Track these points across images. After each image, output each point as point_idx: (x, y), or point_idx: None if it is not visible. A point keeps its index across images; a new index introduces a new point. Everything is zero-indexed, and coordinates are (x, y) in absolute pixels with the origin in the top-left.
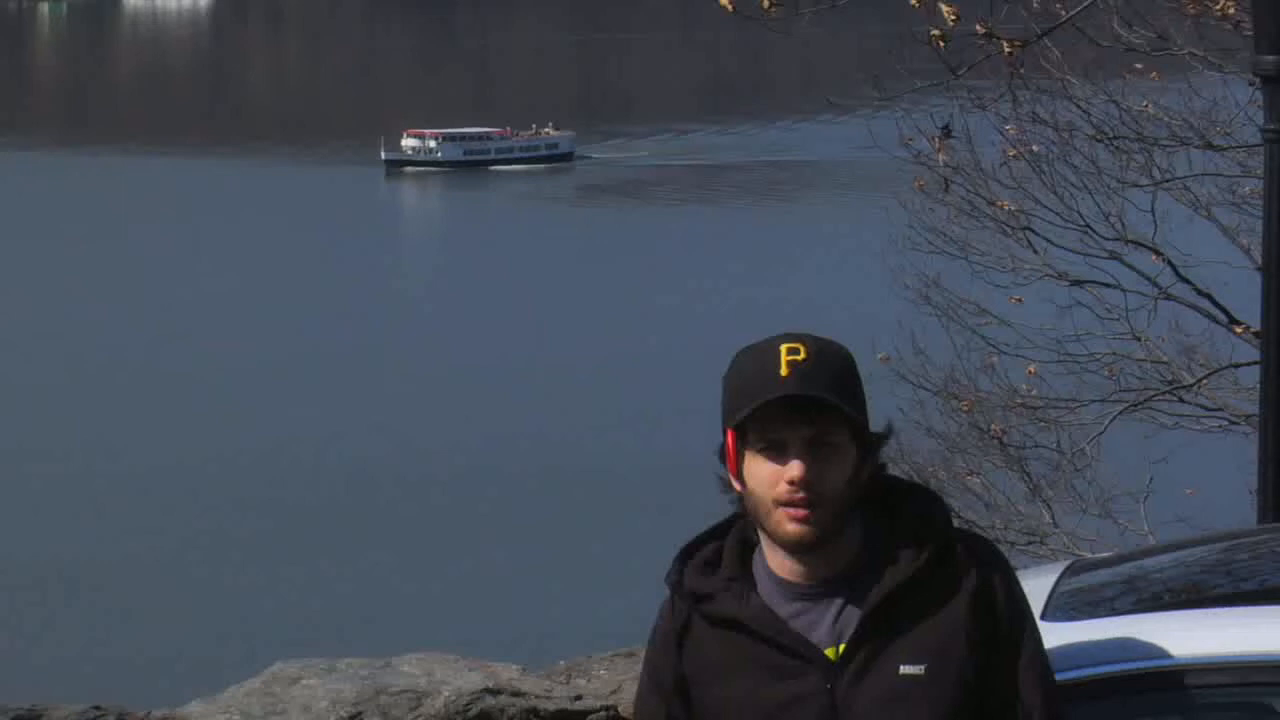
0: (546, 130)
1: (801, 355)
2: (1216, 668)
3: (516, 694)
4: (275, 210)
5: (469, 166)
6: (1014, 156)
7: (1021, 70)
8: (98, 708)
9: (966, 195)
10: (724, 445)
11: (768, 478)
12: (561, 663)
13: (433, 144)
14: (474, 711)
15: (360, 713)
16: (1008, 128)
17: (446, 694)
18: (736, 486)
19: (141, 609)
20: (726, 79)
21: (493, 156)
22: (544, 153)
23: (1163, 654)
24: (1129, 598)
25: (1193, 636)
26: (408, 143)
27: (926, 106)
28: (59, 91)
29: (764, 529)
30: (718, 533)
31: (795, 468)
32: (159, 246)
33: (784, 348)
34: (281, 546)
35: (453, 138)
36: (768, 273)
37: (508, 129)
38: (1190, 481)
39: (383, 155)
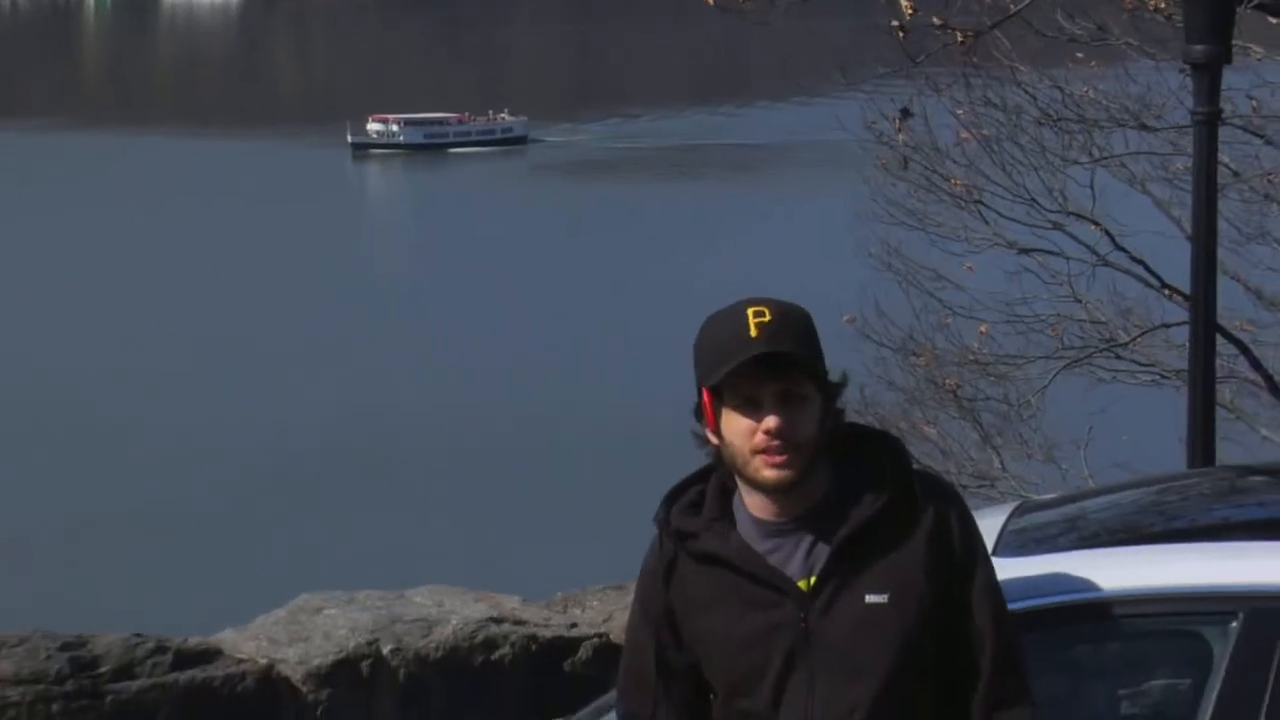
0: (502, 116)
1: (767, 317)
2: (1150, 599)
3: (518, 623)
4: (252, 187)
5: (429, 149)
6: (966, 139)
7: (974, 59)
8: (138, 635)
9: (924, 172)
10: (700, 404)
11: (745, 430)
12: (558, 595)
13: (395, 128)
14: (479, 638)
15: (377, 639)
16: (961, 111)
17: (455, 623)
18: (713, 440)
19: (177, 549)
20: (702, 69)
21: (451, 140)
22: (499, 136)
23: (1102, 587)
24: (1071, 536)
25: (1128, 571)
26: (372, 127)
27: (888, 92)
28: (100, 79)
29: (743, 476)
30: (700, 477)
31: (771, 420)
32: (158, 219)
33: (750, 311)
34: (303, 495)
35: (413, 123)
36: (738, 244)
37: (465, 114)
38: (1126, 431)
39: (349, 139)
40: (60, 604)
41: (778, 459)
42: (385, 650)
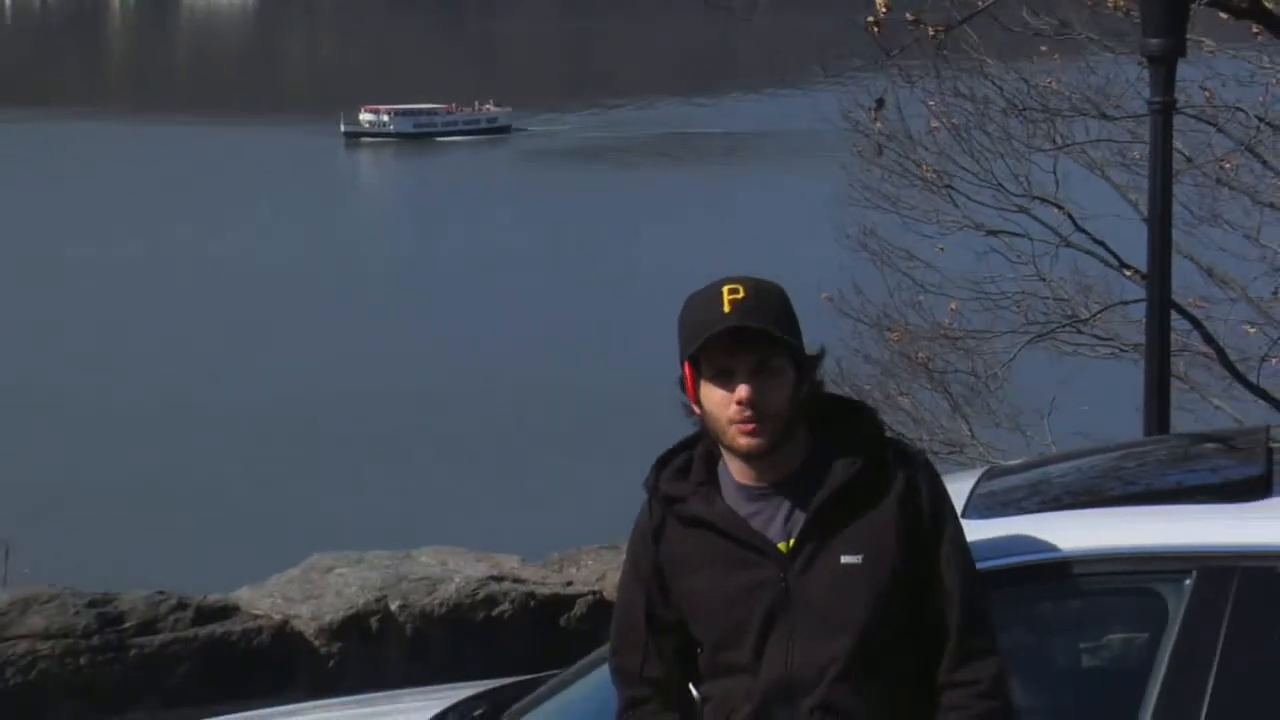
0: (487, 106)
1: (741, 294)
2: (1109, 558)
3: (517, 580)
4: (251, 171)
5: (417, 138)
6: (936, 128)
7: (944, 52)
8: (161, 593)
9: (898, 159)
10: (683, 376)
11: (720, 401)
12: (555, 555)
13: (385, 118)
14: (481, 595)
15: (384, 596)
16: (932, 101)
17: (458, 581)
18: (696, 410)
19: (197, 513)
20: (684, 63)
21: (439, 129)
22: (484, 125)
23: (1064, 547)
24: (1035, 499)
25: (1089, 532)
26: (364, 117)
27: (864, 83)
28: (120, 71)
29: (722, 444)
30: (688, 445)
31: (742, 390)
32: (166, 200)
33: (725, 289)
34: (314, 462)
35: (403, 113)
36: (721, 226)
37: (452, 105)
38: (1086, 400)
39: (341, 128)
40: (88, 564)
41: (750, 428)
42: (393, 607)
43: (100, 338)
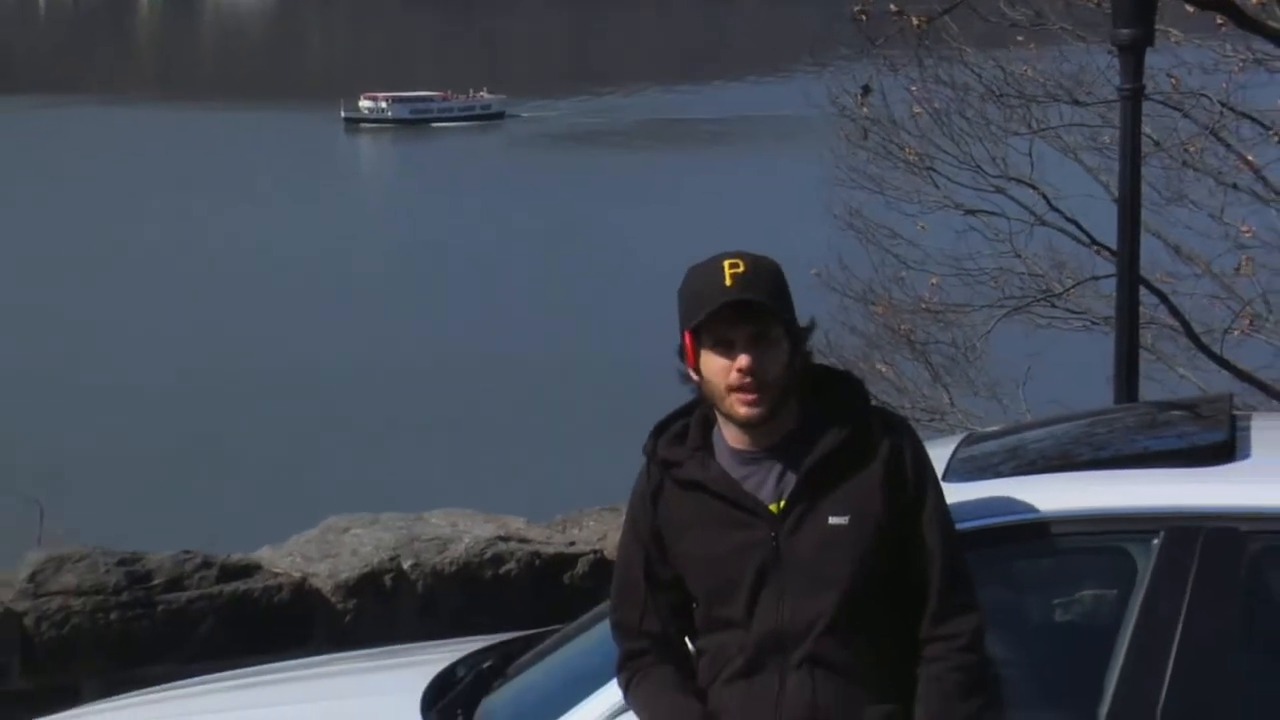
0: (481, 94)
1: (741, 268)
2: (1081, 519)
3: (523, 540)
4: (260, 155)
5: (414, 124)
6: (919, 113)
7: (926, 41)
8: (187, 552)
9: (882, 142)
10: (682, 345)
11: (720, 369)
12: (558, 516)
13: (384, 105)
14: (489, 555)
15: (398, 556)
16: (915, 88)
17: (467, 541)
18: (694, 377)
19: (221, 478)
20: (677, 51)
21: (434, 115)
22: (478, 112)
23: (1038, 508)
24: (1012, 463)
25: (1063, 494)
26: (363, 104)
27: (850, 71)
28: (145, 63)
29: (720, 410)
30: (684, 411)
31: (743, 360)
32: (181, 181)
33: (726, 263)
34: (331, 430)
35: (401, 100)
36: (714, 206)
37: (448, 92)
38: (1059, 370)
39: (342, 114)
40: (118, 525)
41: (749, 396)
42: (405, 565)
43: (127, 314)
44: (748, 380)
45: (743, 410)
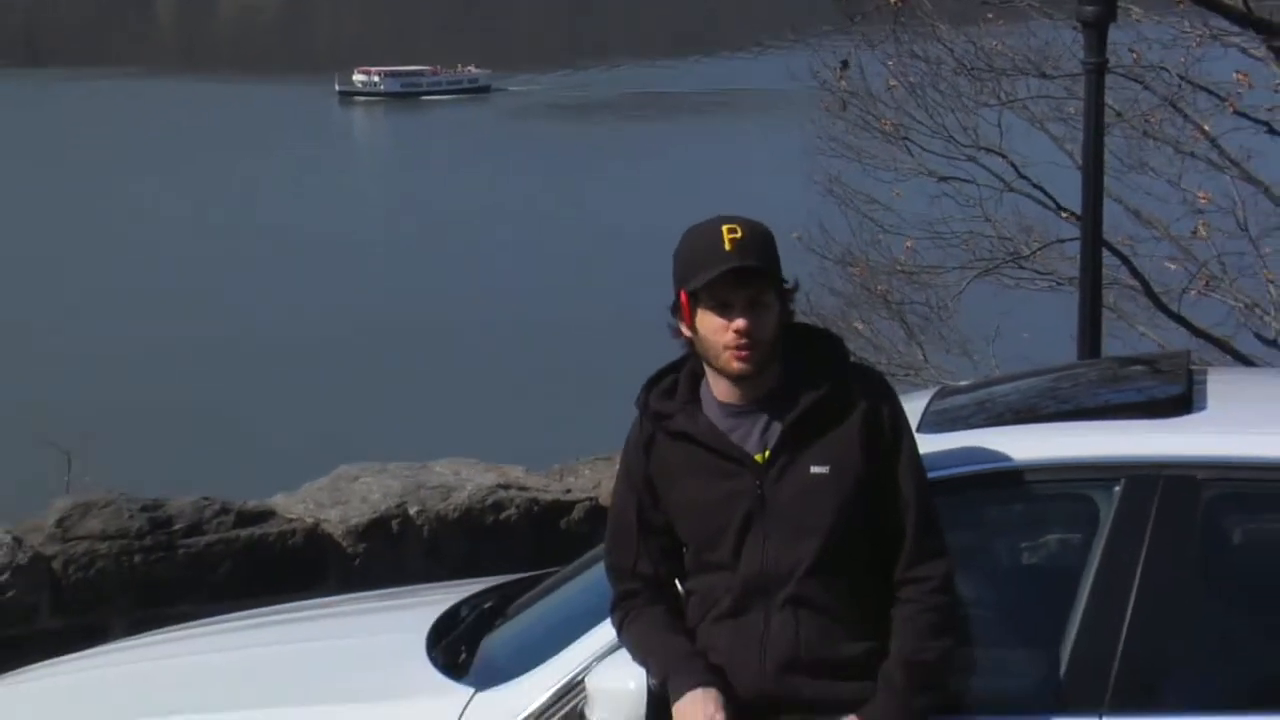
0: (469, 68)
1: (739, 234)
2: (1047, 468)
3: (522, 488)
4: (259, 125)
5: (404, 97)
6: (894, 86)
7: (902, 18)
8: (206, 499)
9: (860, 114)
10: (678, 302)
11: (718, 328)
12: (556, 465)
13: (376, 79)
14: (490, 501)
15: (404, 502)
16: (891, 62)
17: (470, 488)
18: (687, 334)
19: (238, 429)
20: (659, 28)
21: (424, 89)
22: (465, 86)
23: (1007, 457)
24: (982, 415)
25: (1030, 444)
26: (356, 78)
27: (830, 46)
28: (161, 36)
29: (713, 365)
30: (674, 367)
31: (740, 322)
32: (190, 148)
33: (725, 228)
34: (341, 383)
35: (392, 74)
36: (701, 173)
37: (437, 67)
38: (1027, 328)
39: (336, 87)
40: (141, 474)
41: (744, 354)
42: (411, 511)
43: (151, 275)
44: (743, 340)
45: (736, 365)
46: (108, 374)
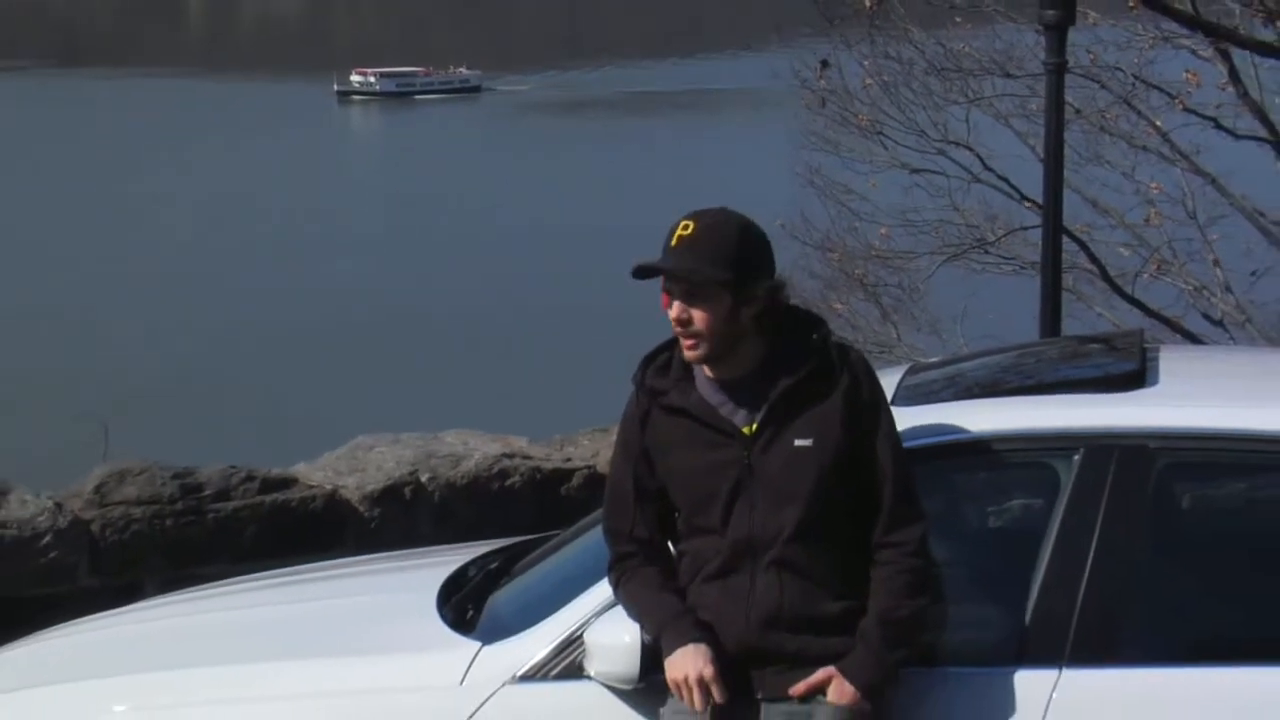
0: (460, 70)
1: (690, 230)
2: (1011, 438)
3: (525, 457)
4: (263, 123)
5: (399, 96)
6: (870, 84)
7: (877, 22)
8: (233, 467)
9: (839, 110)
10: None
11: (670, 315)
12: (557, 436)
13: (372, 79)
14: (495, 469)
15: (416, 470)
16: (867, 62)
17: (477, 457)
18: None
19: (262, 402)
20: (645, 30)
21: (417, 89)
22: (457, 86)
23: (974, 429)
24: (951, 390)
25: (996, 416)
26: (354, 78)
27: (811, 48)
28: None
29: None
30: (667, 346)
31: (673, 309)
32: (196, 142)
33: (681, 223)
34: (359, 359)
35: (387, 75)
36: (684, 166)
37: (430, 68)
38: (992, 309)
39: (335, 87)
40: (173, 443)
41: (688, 341)
42: (423, 479)
43: (172, 261)
44: (680, 329)
45: (687, 353)
46: (143, 354)
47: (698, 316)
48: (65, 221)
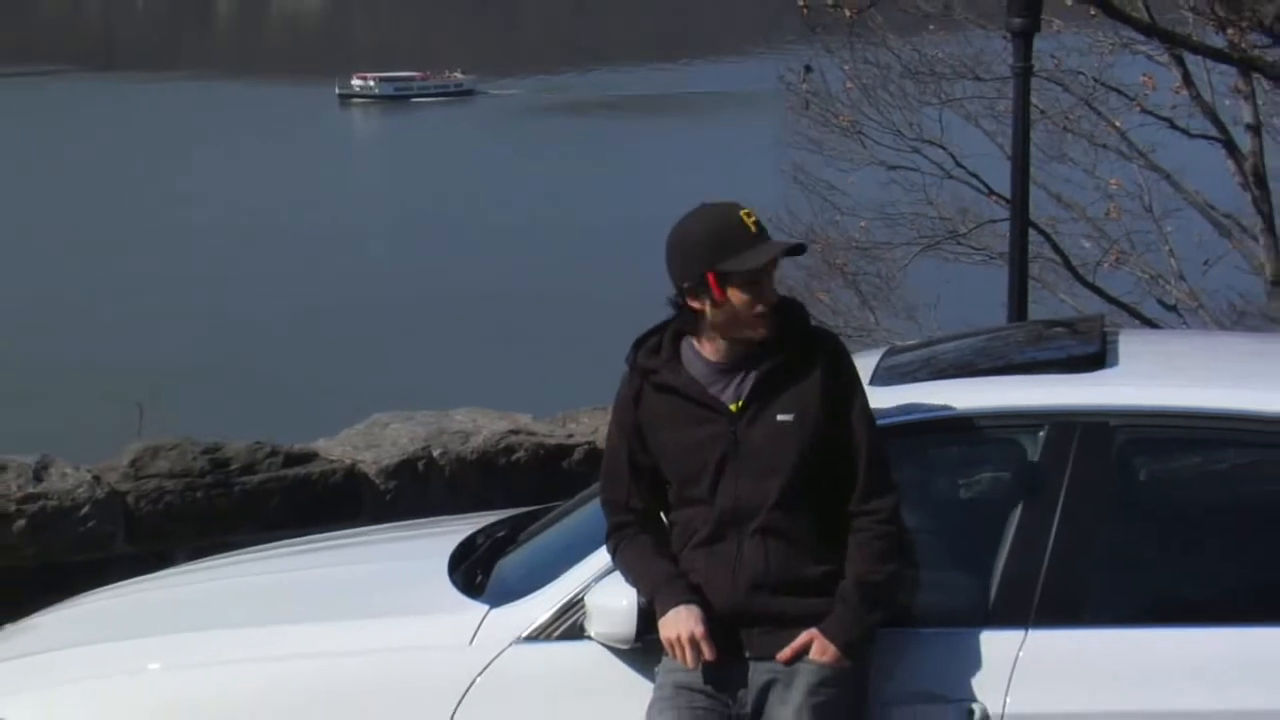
0: (455, 74)
1: (754, 218)
2: (981, 415)
3: (530, 434)
4: (268, 123)
5: (397, 100)
6: (850, 87)
7: (856, 29)
8: (259, 443)
9: (821, 111)
10: (702, 280)
11: (749, 302)
12: (559, 413)
13: (371, 83)
14: (502, 445)
15: (429, 445)
16: (847, 67)
17: (485, 433)
18: (698, 306)
19: (285, 382)
20: (635, 36)
21: (414, 92)
22: (452, 90)
23: (947, 407)
24: (925, 371)
25: (967, 395)
26: (354, 82)
27: (794, 53)
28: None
29: (731, 333)
30: (658, 329)
31: (774, 297)
32: (203, 142)
33: (742, 213)
34: (377, 341)
35: (386, 79)
36: (675, 164)
37: (426, 73)
38: (963, 296)
39: (336, 91)
40: (203, 420)
41: (767, 323)
42: (435, 454)
43: (199, 252)
44: (767, 310)
45: (763, 331)
46: (174, 339)
47: (774, 295)
48: (97, 217)
